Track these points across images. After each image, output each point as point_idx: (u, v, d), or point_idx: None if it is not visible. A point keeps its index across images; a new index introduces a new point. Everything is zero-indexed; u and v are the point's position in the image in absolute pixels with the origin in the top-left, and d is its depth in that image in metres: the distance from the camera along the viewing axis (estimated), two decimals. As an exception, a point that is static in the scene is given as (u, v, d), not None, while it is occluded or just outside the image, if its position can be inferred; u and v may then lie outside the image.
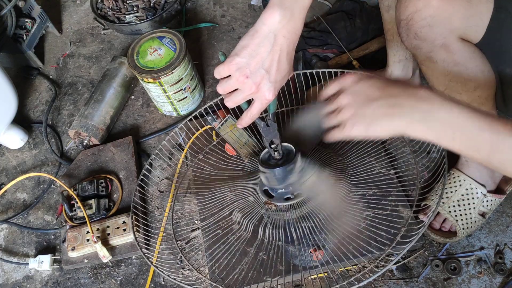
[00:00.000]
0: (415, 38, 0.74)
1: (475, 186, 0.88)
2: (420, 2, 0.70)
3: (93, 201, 1.00)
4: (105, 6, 1.40)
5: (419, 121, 0.56)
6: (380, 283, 0.88)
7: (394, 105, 0.58)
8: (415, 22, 0.72)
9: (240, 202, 0.89)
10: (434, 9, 0.70)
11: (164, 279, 0.95)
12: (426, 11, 0.70)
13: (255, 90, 0.67)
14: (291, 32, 0.64)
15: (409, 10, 0.72)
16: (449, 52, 0.74)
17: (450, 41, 0.73)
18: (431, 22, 0.71)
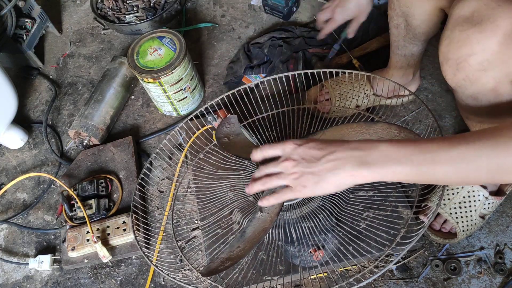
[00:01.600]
0: (464, 80, 0.68)
1: (477, 189, 0.87)
2: (478, 46, 0.63)
3: (93, 201, 1.00)
4: (105, 6, 1.40)
5: (358, 167, 0.61)
6: (380, 283, 0.88)
7: (333, 160, 0.63)
8: (468, 65, 0.65)
9: (240, 202, 0.89)
10: (492, 54, 0.63)
11: (164, 279, 0.95)
12: (483, 55, 0.64)
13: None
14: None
15: (462, 52, 0.65)
16: (498, 94, 0.69)
17: (501, 85, 0.67)
18: (486, 66, 0.65)
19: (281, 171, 0.67)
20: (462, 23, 0.65)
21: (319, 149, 0.65)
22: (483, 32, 0.62)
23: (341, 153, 0.63)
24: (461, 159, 0.58)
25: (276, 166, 0.68)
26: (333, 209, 0.80)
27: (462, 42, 0.65)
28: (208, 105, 1.02)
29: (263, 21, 1.34)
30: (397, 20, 0.91)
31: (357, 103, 1.04)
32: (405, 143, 0.62)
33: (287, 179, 0.67)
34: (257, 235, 0.75)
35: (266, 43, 1.21)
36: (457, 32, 0.65)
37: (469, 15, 0.64)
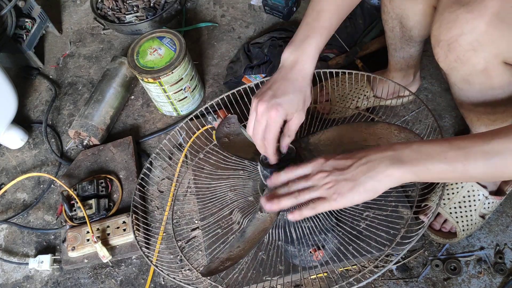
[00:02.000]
0: (456, 61, 0.68)
1: (477, 188, 0.87)
2: (467, 25, 0.64)
3: (93, 201, 1.00)
4: (105, 6, 1.40)
5: (392, 166, 0.61)
6: (380, 283, 0.88)
7: (366, 162, 0.62)
8: (459, 45, 0.66)
9: (240, 201, 0.89)
10: (481, 33, 0.64)
11: (164, 279, 0.95)
12: (472, 35, 0.64)
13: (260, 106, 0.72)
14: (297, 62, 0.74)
15: (452, 32, 0.66)
16: (488, 76, 0.70)
17: (492, 66, 0.68)
18: (476, 46, 0.65)
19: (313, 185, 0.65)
20: (451, 5, 0.66)
21: (348, 158, 0.65)
22: (471, 12, 0.63)
23: (372, 156, 0.63)
24: (495, 154, 0.57)
25: (307, 181, 0.66)
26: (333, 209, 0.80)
27: (452, 23, 0.66)
28: (208, 105, 1.02)
29: (263, 21, 1.34)
30: (392, 23, 0.91)
31: (357, 104, 1.04)
32: (438, 141, 0.61)
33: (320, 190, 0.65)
34: (257, 235, 0.75)
35: (266, 43, 1.21)
36: (447, 13, 0.66)
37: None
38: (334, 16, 0.75)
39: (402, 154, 0.61)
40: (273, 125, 0.72)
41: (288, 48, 0.75)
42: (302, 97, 0.74)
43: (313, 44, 0.74)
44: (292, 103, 0.73)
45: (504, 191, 0.90)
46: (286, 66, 0.75)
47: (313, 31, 0.74)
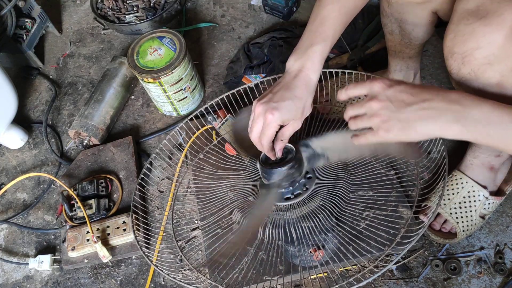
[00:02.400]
0: (469, 74, 0.67)
1: (477, 189, 0.87)
2: (484, 39, 0.62)
3: (93, 201, 1.00)
4: (105, 6, 1.40)
5: (454, 121, 0.58)
6: (380, 283, 0.88)
7: (427, 108, 0.59)
8: (474, 59, 0.64)
9: (240, 201, 0.89)
10: (498, 47, 0.62)
11: (164, 279, 0.95)
12: (489, 49, 0.62)
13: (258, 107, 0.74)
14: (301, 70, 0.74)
15: (468, 46, 0.64)
16: (502, 89, 0.67)
17: (506, 79, 0.66)
18: (492, 60, 0.63)
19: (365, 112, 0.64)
20: (467, 17, 0.64)
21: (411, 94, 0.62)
22: (488, 26, 0.61)
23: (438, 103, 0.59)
24: None
25: (361, 106, 0.65)
26: (333, 209, 0.80)
27: (468, 35, 0.64)
28: (208, 105, 1.02)
29: (263, 21, 1.34)
30: (391, 27, 0.90)
31: None
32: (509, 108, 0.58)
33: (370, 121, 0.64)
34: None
35: (266, 43, 1.21)
36: (462, 25, 0.64)
37: (474, 9, 0.63)
38: (338, 22, 0.74)
39: (469, 113, 0.58)
40: (267, 128, 0.73)
41: (292, 55, 0.75)
42: (301, 106, 0.74)
43: (318, 52, 0.73)
44: (290, 110, 0.73)
45: (504, 191, 0.90)
46: (290, 73, 0.75)
47: (318, 39, 0.74)
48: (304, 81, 0.73)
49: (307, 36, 0.75)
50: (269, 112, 0.71)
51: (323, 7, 0.74)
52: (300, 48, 0.75)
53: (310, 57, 0.73)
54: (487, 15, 0.62)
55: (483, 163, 0.87)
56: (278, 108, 0.72)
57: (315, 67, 0.74)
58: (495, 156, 0.86)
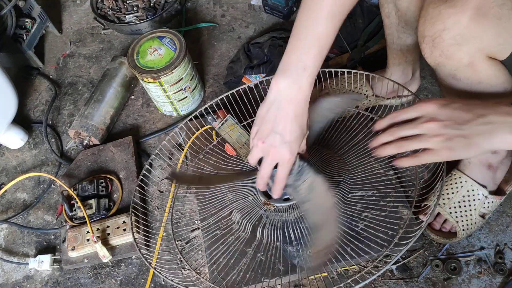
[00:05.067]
0: (441, 56, 0.69)
1: (477, 188, 0.87)
2: (450, 20, 0.65)
3: (93, 201, 1.00)
4: (105, 6, 1.40)
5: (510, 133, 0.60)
6: (380, 283, 0.88)
7: (485, 123, 0.61)
8: (442, 40, 0.66)
9: (239, 202, 0.89)
10: (464, 28, 0.64)
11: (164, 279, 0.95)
12: (455, 29, 0.65)
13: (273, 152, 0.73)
14: (296, 97, 0.71)
15: (436, 27, 0.66)
16: (474, 70, 0.70)
17: (477, 60, 0.68)
18: (459, 40, 0.66)
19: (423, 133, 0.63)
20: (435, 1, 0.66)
21: (467, 111, 0.62)
22: (453, 7, 0.64)
23: (494, 117, 0.61)
24: None
25: (416, 127, 0.64)
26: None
27: (435, 18, 0.66)
28: (207, 105, 1.03)
29: (263, 21, 1.34)
30: (388, 8, 0.91)
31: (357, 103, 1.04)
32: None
33: (431, 141, 0.63)
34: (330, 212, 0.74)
35: (266, 43, 1.21)
36: (430, 9, 0.67)
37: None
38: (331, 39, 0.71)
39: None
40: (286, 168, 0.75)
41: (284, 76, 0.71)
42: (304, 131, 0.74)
43: (311, 76, 0.71)
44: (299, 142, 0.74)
45: (504, 191, 0.90)
46: (285, 101, 0.72)
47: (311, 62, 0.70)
48: (300, 107, 0.72)
49: (298, 56, 0.71)
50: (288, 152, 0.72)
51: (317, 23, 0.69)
52: (292, 70, 0.71)
53: (304, 83, 0.71)
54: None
55: (481, 161, 0.87)
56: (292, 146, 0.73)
57: (308, 91, 0.72)
58: (491, 153, 0.86)
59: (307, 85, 0.71)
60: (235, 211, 0.89)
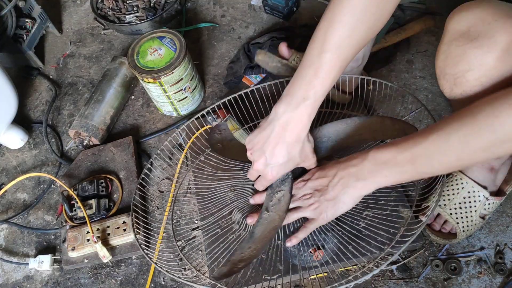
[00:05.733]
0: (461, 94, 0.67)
1: (477, 189, 0.87)
2: (475, 61, 0.63)
3: (93, 201, 1.00)
4: (105, 6, 1.40)
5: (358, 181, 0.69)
6: (380, 283, 0.88)
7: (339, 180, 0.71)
8: (466, 80, 0.65)
9: (240, 202, 0.89)
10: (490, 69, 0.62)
11: (164, 278, 0.95)
12: (480, 71, 0.63)
13: (257, 167, 0.77)
14: (291, 125, 0.72)
15: (460, 67, 0.65)
16: None
17: None
18: (484, 82, 0.64)
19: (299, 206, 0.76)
20: (458, 38, 0.64)
21: (323, 177, 0.74)
22: (480, 48, 0.62)
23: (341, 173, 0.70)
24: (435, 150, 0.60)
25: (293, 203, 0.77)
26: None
27: (459, 57, 0.64)
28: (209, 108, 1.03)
29: (263, 21, 1.34)
30: None
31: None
32: (388, 146, 0.65)
33: (307, 211, 0.75)
34: (268, 234, 0.76)
35: (266, 43, 1.21)
36: (454, 47, 0.65)
37: (465, 30, 0.63)
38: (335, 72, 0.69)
39: (363, 169, 0.67)
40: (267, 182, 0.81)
41: (283, 103, 0.72)
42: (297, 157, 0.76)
43: (310, 107, 0.70)
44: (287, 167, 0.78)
45: (504, 192, 0.90)
46: (279, 124, 0.72)
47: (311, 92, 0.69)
48: (294, 134, 0.72)
49: (300, 85, 0.70)
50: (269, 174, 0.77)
51: (321, 53, 0.68)
52: (292, 97, 0.71)
53: (301, 112, 0.71)
54: (478, 37, 0.62)
55: (483, 164, 0.87)
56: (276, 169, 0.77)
57: (306, 121, 0.72)
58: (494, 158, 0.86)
59: (305, 114, 0.71)
60: (236, 210, 0.89)
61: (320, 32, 0.68)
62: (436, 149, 0.59)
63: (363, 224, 0.83)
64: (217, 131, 0.96)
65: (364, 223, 0.83)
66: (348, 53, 0.68)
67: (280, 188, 0.81)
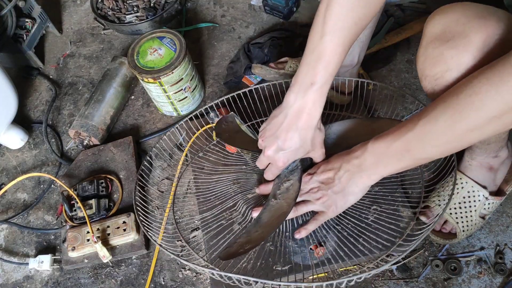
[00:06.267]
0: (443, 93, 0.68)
1: (477, 189, 0.87)
2: (453, 62, 0.63)
3: (93, 201, 1.00)
4: (105, 6, 1.40)
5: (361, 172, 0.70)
6: (380, 283, 0.88)
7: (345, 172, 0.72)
8: (445, 81, 0.65)
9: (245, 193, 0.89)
10: (467, 68, 0.63)
11: (164, 279, 0.95)
12: (458, 70, 0.64)
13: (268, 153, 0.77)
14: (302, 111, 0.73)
15: (438, 68, 0.65)
16: None
17: None
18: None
19: (307, 199, 0.77)
20: (434, 41, 0.66)
21: (329, 170, 0.75)
22: (455, 48, 0.63)
23: (346, 165, 0.72)
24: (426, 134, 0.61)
25: (302, 196, 0.78)
26: None
27: (436, 58, 0.66)
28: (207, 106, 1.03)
29: (263, 21, 1.34)
30: None
31: None
32: (383, 136, 0.67)
33: (316, 204, 0.77)
34: (275, 220, 0.76)
35: (266, 43, 1.21)
36: (431, 49, 0.66)
37: (440, 32, 0.65)
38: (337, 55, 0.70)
39: (365, 160, 0.69)
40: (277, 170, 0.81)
41: (292, 91, 0.73)
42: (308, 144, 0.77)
43: (318, 91, 0.71)
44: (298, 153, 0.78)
45: (504, 191, 0.90)
46: (291, 112, 0.74)
47: (318, 77, 0.70)
48: (306, 121, 0.73)
49: (306, 71, 0.71)
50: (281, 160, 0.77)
51: (321, 37, 0.69)
52: (300, 85, 0.72)
53: (311, 98, 0.72)
54: (454, 38, 0.63)
55: (482, 164, 0.87)
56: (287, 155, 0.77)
57: (317, 106, 0.73)
58: (492, 157, 0.86)
59: (314, 99, 0.72)
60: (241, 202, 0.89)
61: (319, 16, 0.69)
62: (427, 133, 0.61)
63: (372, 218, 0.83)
64: (224, 122, 0.96)
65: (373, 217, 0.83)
66: (348, 34, 0.69)
67: (289, 178, 0.81)
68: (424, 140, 0.62)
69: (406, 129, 0.63)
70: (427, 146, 0.62)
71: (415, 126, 0.62)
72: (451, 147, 0.62)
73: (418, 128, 0.61)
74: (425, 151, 0.63)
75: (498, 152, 0.86)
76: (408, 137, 0.63)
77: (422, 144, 0.62)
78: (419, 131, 0.62)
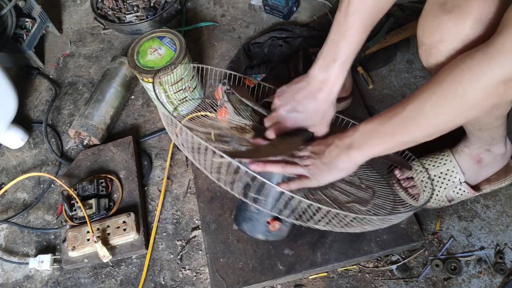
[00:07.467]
0: (437, 64, 0.70)
1: (457, 171, 0.90)
2: (448, 34, 0.65)
3: (93, 201, 1.00)
4: (105, 6, 1.40)
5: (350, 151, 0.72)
6: (380, 282, 0.88)
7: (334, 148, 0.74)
8: (438, 51, 0.67)
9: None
10: (463, 42, 0.64)
11: (164, 278, 0.95)
12: (453, 43, 0.65)
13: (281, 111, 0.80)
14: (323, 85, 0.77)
15: (434, 37, 0.67)
16: None
17: None
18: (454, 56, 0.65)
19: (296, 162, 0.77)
20: (435, 10, 0.67)
21: (322, 144, 0.77)
22: (453, 20, 0.64)
23: (338, 142, 0.73)
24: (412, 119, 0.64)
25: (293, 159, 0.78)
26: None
27: (434, 28, 0.67)
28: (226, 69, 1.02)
29: (263, 21, 1.34)
30: None
31: None
32: (373, 118, 0.69)
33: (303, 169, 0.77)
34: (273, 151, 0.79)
35: (266, 43, 1.21)
36: (430, 17, 0.67)
37: (442, 1, 0.66)
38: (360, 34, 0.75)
39: (354, 140, 0.71)
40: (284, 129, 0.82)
41: (317, 65, 0.78)
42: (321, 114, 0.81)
43: (340, 67, 0.76)
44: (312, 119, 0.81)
45: (480, 189, 0.92)
46: (314, 83, 0.79)
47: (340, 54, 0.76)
48: (326, 93, 0.78)
49: (330, 47, 0.76)
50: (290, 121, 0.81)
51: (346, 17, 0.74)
52: (324, 60, 0.77)
53: (333, 73, 0.76)
54: (453, 10, 0.64)
55: (472, 154, 0.89)
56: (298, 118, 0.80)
57: (338, 81, 0.77)
58: (485, 150, 0.88)
59: (337, 74, 0.77)
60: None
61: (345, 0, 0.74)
62: (412, 119, 0.64)
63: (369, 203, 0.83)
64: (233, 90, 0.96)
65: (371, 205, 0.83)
66: (369, 16, 0.73)
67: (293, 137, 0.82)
68: (410, 125, 0.65)
69: (394, 113, 0.66)
70: (413, 130, 0.65)
71: (402, 111, 0.65)
72: (436, 131, 0.65)
73: (405, 113, 0.64)
74: (410, 134, 0.66)
75: (491, 145, 0.87)
76: (395, 121, 0.66)
77: (408, 128, 0.65)
78: (406, 116, 0.64)
